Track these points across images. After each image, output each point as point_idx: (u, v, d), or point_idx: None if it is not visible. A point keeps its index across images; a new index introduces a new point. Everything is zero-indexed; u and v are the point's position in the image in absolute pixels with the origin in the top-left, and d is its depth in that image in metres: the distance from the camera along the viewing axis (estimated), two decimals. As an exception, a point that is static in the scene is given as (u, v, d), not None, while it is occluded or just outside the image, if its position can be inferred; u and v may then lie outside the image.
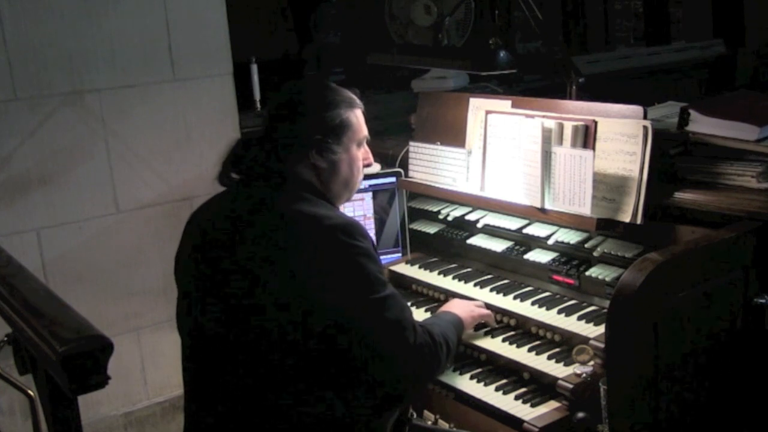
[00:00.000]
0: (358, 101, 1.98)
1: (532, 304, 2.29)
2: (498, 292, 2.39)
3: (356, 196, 2.77)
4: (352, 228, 1.75)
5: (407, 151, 2.82)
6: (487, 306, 2.34)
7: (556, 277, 2.34)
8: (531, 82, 3.97)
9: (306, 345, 1.70)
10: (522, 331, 2.27)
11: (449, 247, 2.71)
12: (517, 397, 2.05)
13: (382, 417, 1.86)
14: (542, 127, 2.26)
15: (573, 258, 2.33)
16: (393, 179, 2.81)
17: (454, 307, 2.23)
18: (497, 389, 2.10)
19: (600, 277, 2.20)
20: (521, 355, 2.16)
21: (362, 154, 2.01)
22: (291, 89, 1.99)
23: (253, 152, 1.90)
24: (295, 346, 1.70)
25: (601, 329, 2.03)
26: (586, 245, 2.27)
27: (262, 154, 1.89)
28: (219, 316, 1.76)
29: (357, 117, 1.97)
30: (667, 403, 1.83)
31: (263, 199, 1.83)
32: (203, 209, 1.93)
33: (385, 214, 2.81)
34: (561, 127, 2.26)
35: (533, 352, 2.15)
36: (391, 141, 3.08)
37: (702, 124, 2.22)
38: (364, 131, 2.00)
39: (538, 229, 2.41)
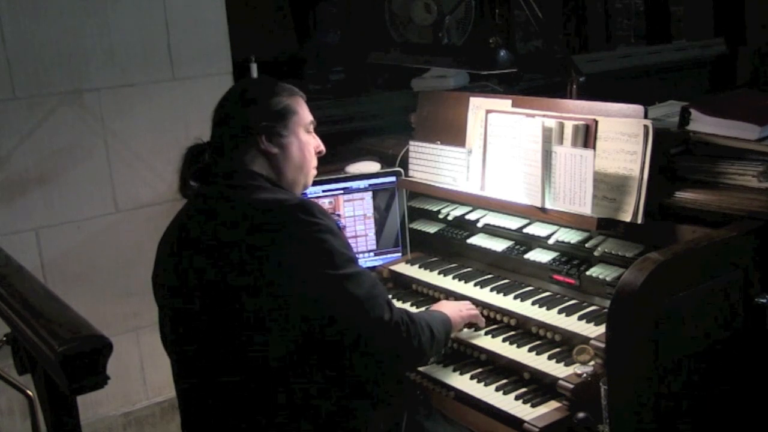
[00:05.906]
0: (298, 91, 2.04)
1: (533, 303, 2.28)
2: (498, 292, 2.39)
3: (356, 195, 2.78)
4: (311, 206, 1.79)
5: (407, 151, 2.81)
6: (487, 306, 2.34)
7: (556, 276, 2.34)
8: (531, 81, 3.96)
9: (286, 328, 1.71)
10: (522, 331, 2.27)
11: (449, 246, 2.71)
12: (517, 397, 2.05)
13: (376, 408, 1.87)
14: (543, 126, 2.26)
15: (573, 258, 2.32)
16: (393, 179, 2.80)
17: (443, 306, 2.24)
18: (497, 389, 2.10)
19: (600, 276, 2.20)
20: (521, 355, 2.15)
21: (312, 141, 2.05)
22: (231, 90, 2.05)
23: (205, 156, 1.96)
24: (279, 332, 1.72)
25: (601, 329, 2.03)
26: (586, 245, 2.27)
27: (214, 155, 1.95)
28: (206, 317, 1.78)
29: (299, 104, 2.02)
30: (668, 403, 1.82)
31: (223, 198, 1.86)
32: (171, 227, 1.96)
33: (385, 213, 2.81)
34: (561, 126, 2.26)
35: (534, 352, 2.15)
36: (391, 140, 3.08)
37: (703, 124, 2.22)
38: (310, 117, 2.04)
39: (538, 229, 2.40)
